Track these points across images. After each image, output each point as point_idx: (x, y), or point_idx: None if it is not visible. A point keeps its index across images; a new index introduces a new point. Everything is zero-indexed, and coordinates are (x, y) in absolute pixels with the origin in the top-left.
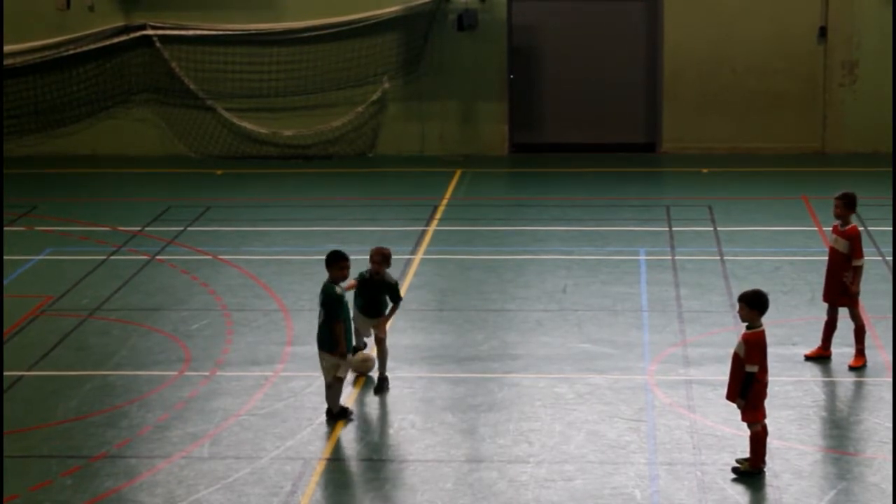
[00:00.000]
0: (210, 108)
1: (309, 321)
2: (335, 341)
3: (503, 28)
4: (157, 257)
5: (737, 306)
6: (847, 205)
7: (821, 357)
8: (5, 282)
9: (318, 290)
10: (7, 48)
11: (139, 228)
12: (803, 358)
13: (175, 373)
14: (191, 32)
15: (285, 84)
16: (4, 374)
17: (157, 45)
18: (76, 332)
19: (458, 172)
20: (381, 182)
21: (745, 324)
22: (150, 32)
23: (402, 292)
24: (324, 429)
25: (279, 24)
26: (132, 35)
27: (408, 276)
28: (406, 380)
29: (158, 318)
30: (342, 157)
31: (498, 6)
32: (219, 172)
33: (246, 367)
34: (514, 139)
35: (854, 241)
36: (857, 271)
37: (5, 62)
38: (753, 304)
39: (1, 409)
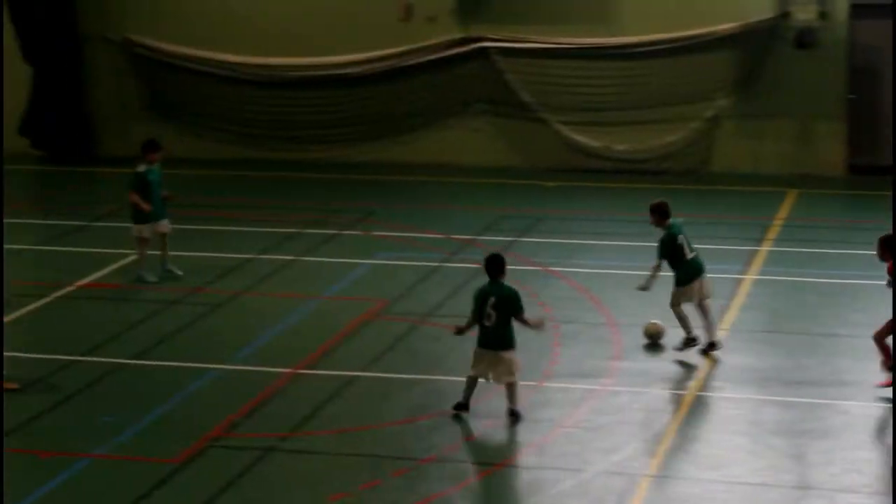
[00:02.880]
0: (543, 121)
1: (637, 336)
2: (525, 324)
3: (843, 46)
4: None
5: None
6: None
7: None
8: (342, 285)
9: (640, 305)
10: (350, 57)
11: (471, 237)
12: None
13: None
14: (527, 45)
15: (619, 98)
16: (340, 373)
17: (494, 57)
18: (408, 337)
19: (793, 192)
20: (713, 199)
21: None
22: (488, 45)
23: (733, 313)
24: (651, 445)
25: (614, 38)
26: (470, 47)
27: (738, 296)
28: (733, 401)
29: None
30: (674, 174)
31: (838, 24)
32: (550, 184)
33: (573, 379)
34: (851, 160)
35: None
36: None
37: (350, 71)
38: None
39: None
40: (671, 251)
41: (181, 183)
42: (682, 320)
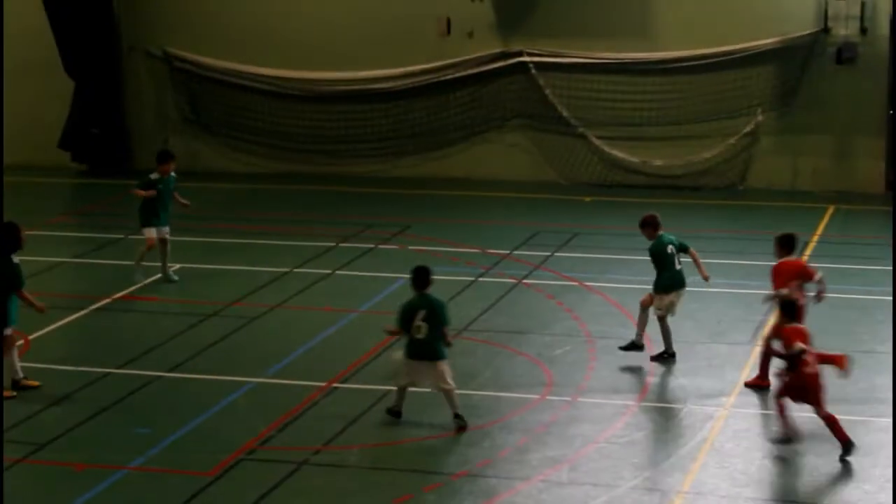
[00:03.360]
0: (581, 136)
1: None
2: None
3: (884, 62)
4: (524, 281)
5: None
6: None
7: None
8: (378, 300)
9: (675, 321)
10: (389, 72)
11: (507, 252)
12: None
13: (537, 396)
14: (566, 60)
15: (657, 113)
16: (374, 387)
17: (533, 71)
18: None
19: (831, 209)
20: (750, 215)
21: None
22: (526, 59)
23: (769, 329)
24: (684, 462)
25: (653, 53)
26: (509, 61)
27: (774, 312)
28: (769, 417)
29: (522, 342)
30: (711, 189)
31: (880, 39)
32: (587, 199)
33: (607, 394)
34: (891, 177)
35: (772, 275)
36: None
37: (389, 86)
38: None
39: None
40: (659, 259)
41: (218, 196)
42: (666, 334)
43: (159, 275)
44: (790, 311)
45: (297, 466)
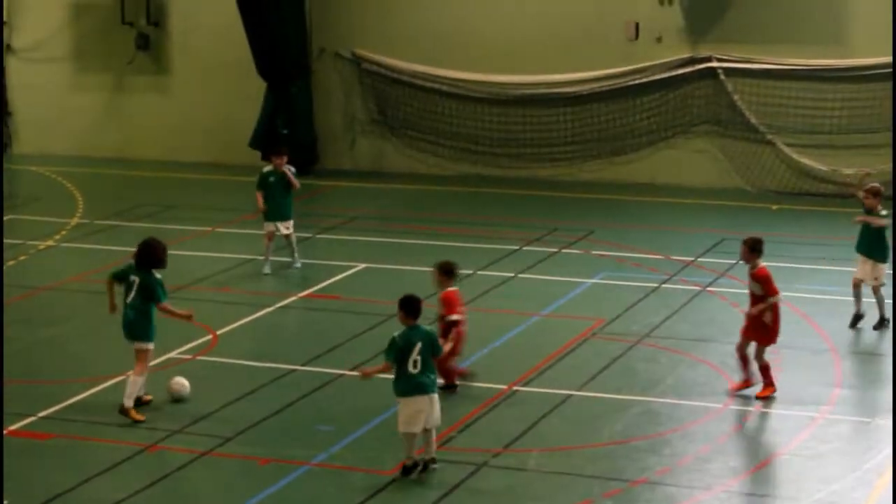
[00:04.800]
0: (769, 143)
1: (858, 364)
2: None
3: None
4: (708, 289)
5: None
6: (751, 249)
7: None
8: (560, 303)
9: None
10: (576, 76)
11: (692, 259)
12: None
13: (719, 405)
14: (756, 66)
15: (849, 121)
16: (555, 391)
17: (721, 77)
18: (624, 357)
19: None
20: None
21: None
22: (715, 65)
23: None
24: (870, 476)
25: (847, 60)
26: (697, 67)
27: None
28: None
29: (706, 350)
30: None
31: None
32: (774, 208)
33: (791, 405)
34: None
35: (764, 282)
36: (773, 308)
37: (576, 89)
38: None
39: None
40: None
41: (403, 196)
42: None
43: (341, 275)
44: (451, 273)
45: (477, 468)
